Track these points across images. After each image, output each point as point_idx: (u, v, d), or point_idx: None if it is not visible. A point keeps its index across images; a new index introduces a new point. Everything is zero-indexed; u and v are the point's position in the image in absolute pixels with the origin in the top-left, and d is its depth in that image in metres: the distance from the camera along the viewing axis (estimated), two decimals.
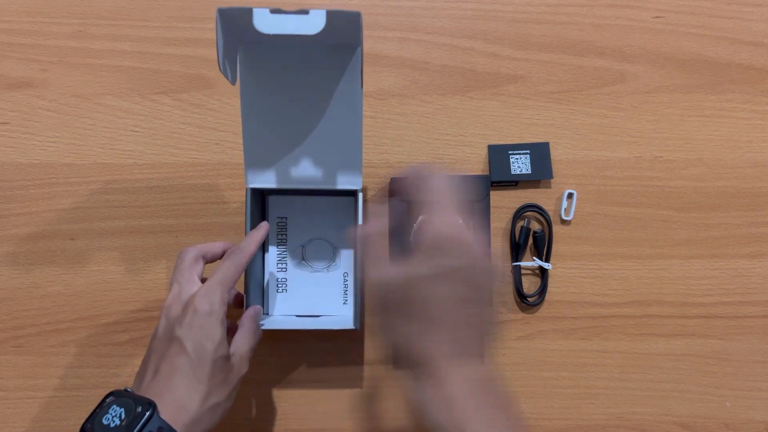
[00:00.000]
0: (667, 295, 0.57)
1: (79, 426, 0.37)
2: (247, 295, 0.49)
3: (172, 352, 0.40)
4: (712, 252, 0.57)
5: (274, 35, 0.39)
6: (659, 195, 0.58)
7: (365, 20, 0.57)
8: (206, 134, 0.57)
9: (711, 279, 0.57)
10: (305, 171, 0.49)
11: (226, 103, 0.57)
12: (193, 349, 0.40)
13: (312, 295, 0.54)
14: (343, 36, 0.42)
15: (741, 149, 0.58)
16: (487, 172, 0.56)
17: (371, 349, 0.56)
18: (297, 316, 0.53)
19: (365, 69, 0.58)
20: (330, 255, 0.54)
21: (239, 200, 0.56)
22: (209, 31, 0.57)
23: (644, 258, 0.57)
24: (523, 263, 0.56)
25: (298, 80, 0.47)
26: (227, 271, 0.43)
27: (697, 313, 0.57)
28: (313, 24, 0.38)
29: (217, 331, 0.41)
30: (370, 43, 0.58)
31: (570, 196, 0.56)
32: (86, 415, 0.37)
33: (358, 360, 0.56)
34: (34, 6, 0.57)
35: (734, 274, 0.57)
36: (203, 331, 0.40)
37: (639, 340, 0.57)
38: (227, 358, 0.42)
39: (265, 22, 0.38)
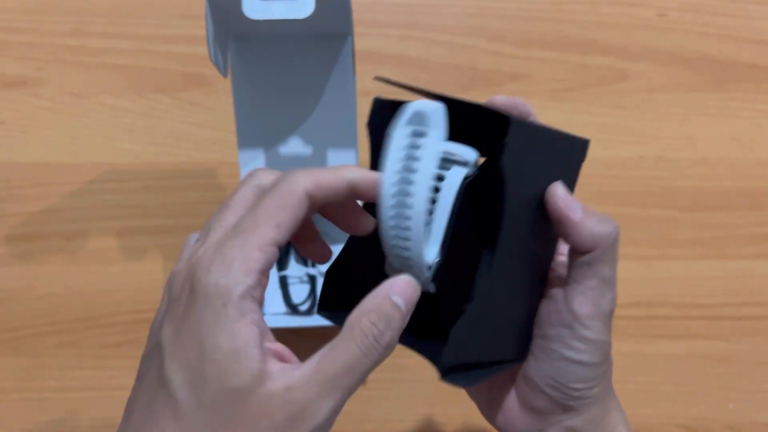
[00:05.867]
0: (671, 296, 0.56)
1: (75, 428, 0.36)
2: None
3: (147, 382, 0.22)
4: (717, 252, 0.57)
5: (265, 25, 0.39)
6: (663, 195, 0.57)
7: (365, 17, 0.57)
8: (204, 133, 0.56)
9: (715, 280, 0.56)
10: (301, 165, 0.49)
11: (225, 101, 0.56)
12: (176, 378, 0.20)
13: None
14: (333, 24, 0.42)
15: (745, 148, 0.58)
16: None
17: None
18: (292, 314, 0.53)
19: (365, 67, 0.57)
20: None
21: None
22: None
23: (647, 258, 0.57)
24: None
25: (291, 73, 0.47)
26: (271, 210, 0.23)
27: (701, 315, 0.56)
28: (302, 9, 0.38)
29: (230, 332, 0.20)
30: (370, 41, 0.57)
31: None
32: (82, 417, 0.37)
33: None
34: (31, 4, 0.57)
35: (739, 274, 0.56)
36: (203, 337, 0.20)
37: (642, 341, 0.56)
38: (251, 391, 0.20)
39: (254, 8, 0.38)
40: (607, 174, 0.57)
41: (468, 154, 0.25)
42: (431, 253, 0.25)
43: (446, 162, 0.25)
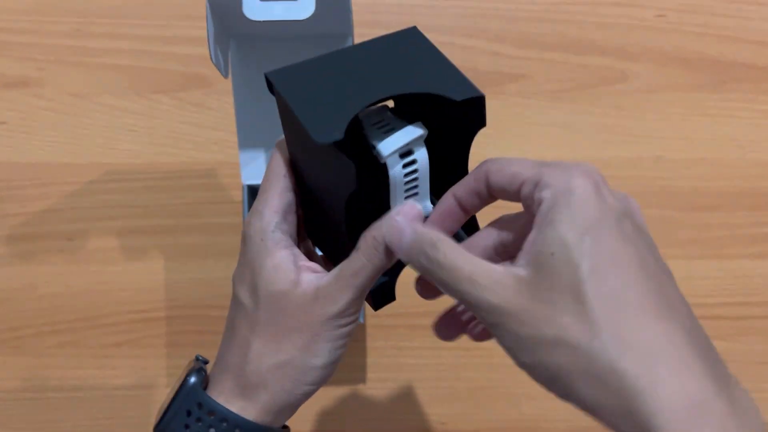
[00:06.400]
0: None
1: (76, 428, 0.36)
2: None
3: (230, 311, 0.31)
4: (715, 252, 0.57)
5: (265, 26, 0.39)
6: (661, 195, 0.57)
7: (365, 18, 0.57)
8: (205, 133, 0.56)
9: (714, 280, 0.57)
10: None
11: (225, 102, 0.56)
12: (242, 293, 0.29)
13: None
14: (333, 24, 0.42)
15: (744, 149, 0.58)
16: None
17: (373, 346, 0.55)
18: None
19: None
20: None
21: (239, 200, 0.56)
22: None
23: None
24: None
25: None
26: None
27: (700, 314, 0.55)
28: (302, 10, 0.38)
29: (269, 255, 0.28)
30: None
31: None
32: (83, 417, 0.37)
33: (360, 357, 0.55)
34: (31, 4, 0.57)
35: (737, 274, 0.57)
36: (253, 264, 0.29)
37: None
38: (290, 292, 0.28)
39: (255, 9, 0.39)
40: (606, 174, 0.56)
41: (419, 132, 0.30)
42: (429, 206, 0.32)
43: (409, 146, 0.30)
